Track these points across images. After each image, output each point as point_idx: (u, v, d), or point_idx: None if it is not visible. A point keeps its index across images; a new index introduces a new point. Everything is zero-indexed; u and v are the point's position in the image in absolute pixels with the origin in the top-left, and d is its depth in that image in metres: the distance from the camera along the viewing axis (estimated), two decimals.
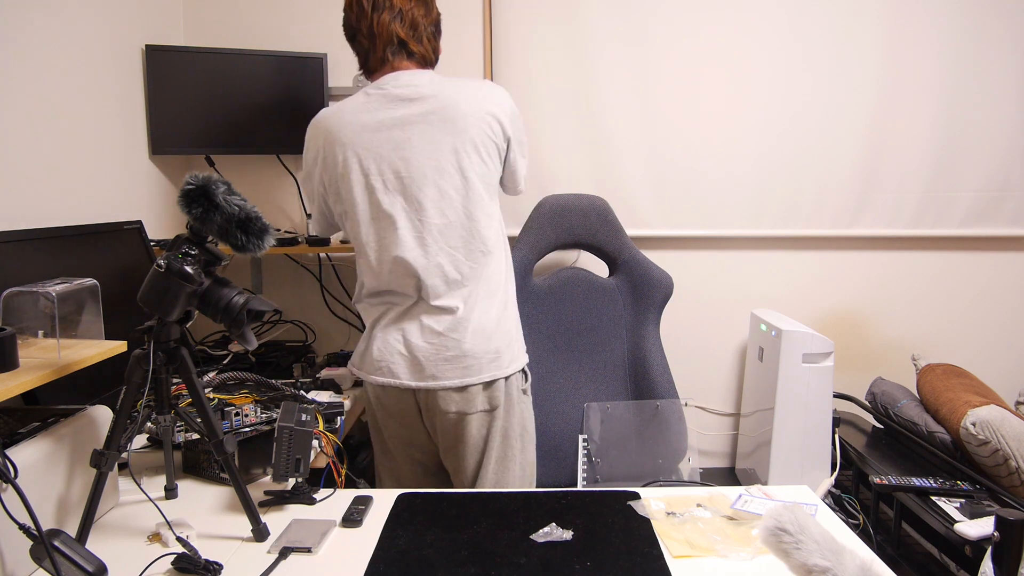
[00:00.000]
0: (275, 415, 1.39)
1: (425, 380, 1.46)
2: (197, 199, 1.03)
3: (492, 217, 1.50)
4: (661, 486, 1.48)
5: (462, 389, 1.46)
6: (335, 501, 1.25)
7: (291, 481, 1.24)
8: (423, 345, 1.45)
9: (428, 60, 1.51)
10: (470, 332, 1.45)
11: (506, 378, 1.50)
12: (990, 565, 1.40)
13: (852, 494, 2.12)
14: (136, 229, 1.79)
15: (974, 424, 1.83)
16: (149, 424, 1.39)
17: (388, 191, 1.44)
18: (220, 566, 1.02)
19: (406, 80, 1.45)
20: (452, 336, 1.45)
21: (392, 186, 1.44)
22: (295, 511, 1.21)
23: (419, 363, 1.46)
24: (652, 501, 1.24)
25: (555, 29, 2.35)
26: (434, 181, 1.43)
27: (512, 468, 1.53)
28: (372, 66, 1.49)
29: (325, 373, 1.89)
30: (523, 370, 1.56)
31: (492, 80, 2.38)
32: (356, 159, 1.44)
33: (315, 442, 1.32)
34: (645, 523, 1.17)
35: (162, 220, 2.17)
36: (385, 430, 1.57)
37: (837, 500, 2.13)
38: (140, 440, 1.47)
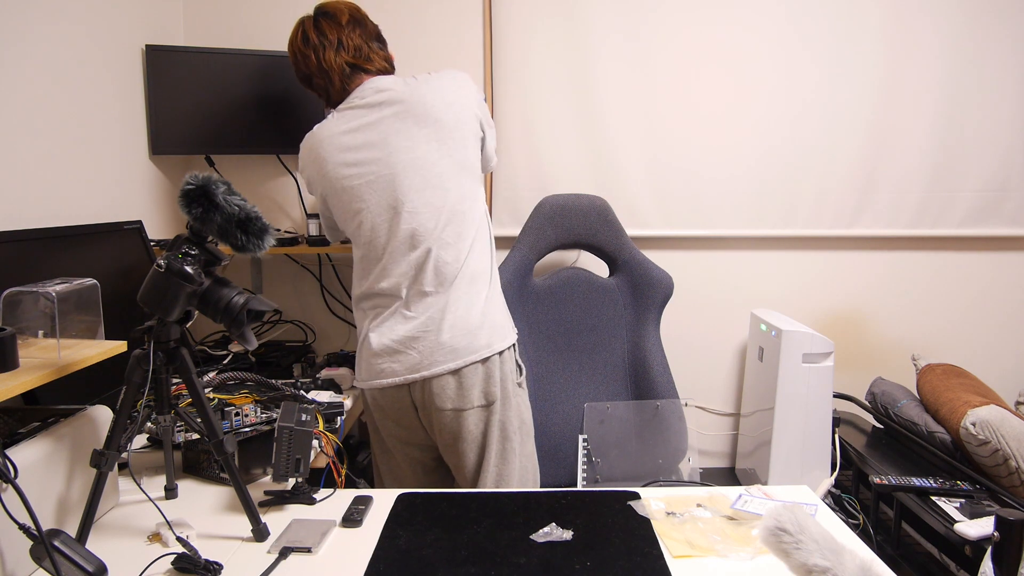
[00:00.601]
0: (275, 415, 1.38)
1: (421, 370, 1.47)
2: (197, 199, 1.04)
3: (477, 201, 1.54)
4: (661, 486, 1.48)
5: (456, 372, 1.47)
6: (335, 501, 1.25)
7: (291, 481, 1.24)
8: (413, 334, 1.47)
9: (385, 70, 1.56)
10: (459, 317, 1.47)
11: (500, 353, 1.51)
12: (990, 565, 1.40)
13: (852, 494, 2.12)
14: (136, 229, 1.79)
15: (974, 424, 1.83)
16: (149, 424, 1.39)
17: (375, 192, 1.47)
18: (220, 566, 1.02)
19: (372, 87, 1.49)
20: (438, 320, 1.47)
21: (377, 187, 1.47)
22: (295, 511, 1.22)
23: (414, 351, 1.47)
24: (652, 501, 1.24)
25: (555, 31, 2.35)
26: (417, 173, 1.46)
27: (512, 461, 1.54)
28: (336, 99, 1.54)
29: (325, 373, 1.89)
30: (517, 363, 1.58)
31: (492, 81, 2.39)
32: (339, 171, 1.48)
33: (315, 442, 1.32)
34: (645, 523, 1.17)
35: (162, 220, 2.17)
36: (383, 430, 1.58)
37: (837, 500, 2.13)
38: (140, 440, 1.47)
